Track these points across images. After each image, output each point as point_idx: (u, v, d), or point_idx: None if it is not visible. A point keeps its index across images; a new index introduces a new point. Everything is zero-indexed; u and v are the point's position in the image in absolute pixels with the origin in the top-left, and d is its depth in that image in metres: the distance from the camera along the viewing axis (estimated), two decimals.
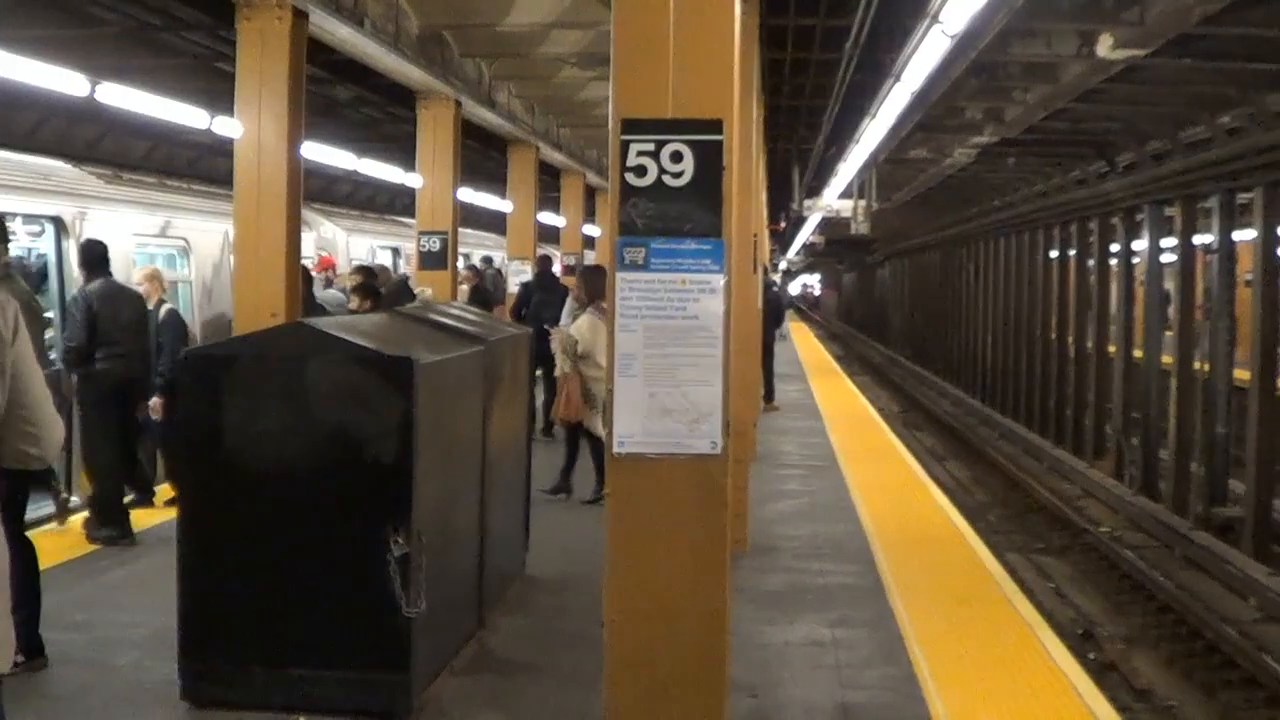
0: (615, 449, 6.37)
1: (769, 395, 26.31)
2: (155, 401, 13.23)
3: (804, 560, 12.77)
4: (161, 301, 13.91)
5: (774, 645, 9.90)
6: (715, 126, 6.28)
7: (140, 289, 13.56)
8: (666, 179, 6.24)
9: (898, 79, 16.03)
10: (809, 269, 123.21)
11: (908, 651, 9.71)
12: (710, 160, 6.25)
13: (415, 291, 18.75)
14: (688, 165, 6.23)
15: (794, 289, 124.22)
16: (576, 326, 14.89)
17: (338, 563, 7.85)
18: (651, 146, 6.24)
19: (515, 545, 11.22)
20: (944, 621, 10.59)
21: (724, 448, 6.37)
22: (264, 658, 7.93)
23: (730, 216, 6.34)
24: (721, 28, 6.39)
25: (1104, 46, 15.36)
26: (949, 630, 10.34)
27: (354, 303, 15.43)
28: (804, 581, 11.90)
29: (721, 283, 6.30)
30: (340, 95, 24.16)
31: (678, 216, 6.25)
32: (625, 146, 6.28)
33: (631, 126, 6.29)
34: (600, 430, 14.53)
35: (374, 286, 16.10)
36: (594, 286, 15.23)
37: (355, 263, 21.83)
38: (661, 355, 6.30)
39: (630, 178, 6.27)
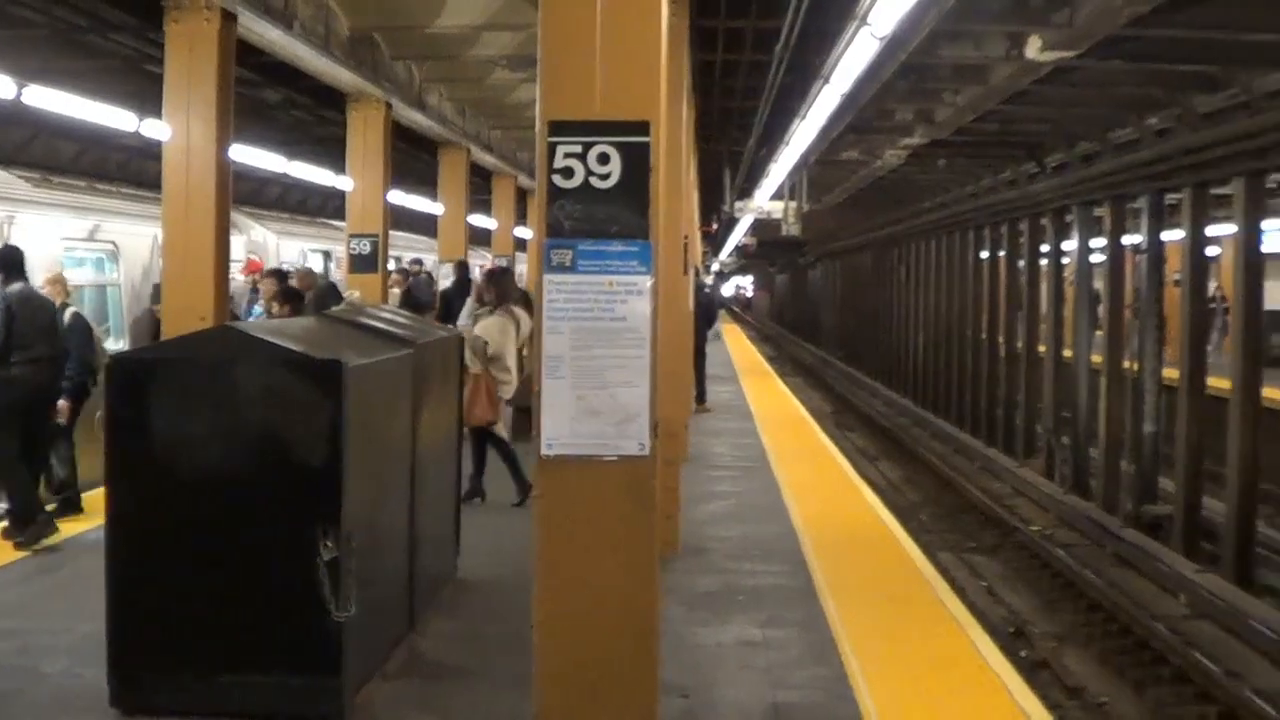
0: (543, 451, 6.37)
1: (700, 396, 26.33)
2: (63, 404, 13.20)
3: (735, 561, 12.79)
4: (65, 305, 13.80)
5: (705, 646, 9.91)
6: (642, 128, 6.29)
7: (43, 291, 13.46)
8: (594, 181, 6.25)
9: (827, 81, 16.04)
10: (741, 270, 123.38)
11: (839, 651, 9.73)
12: (637, 162, 6.26)
13: (344, 295, 18.64)
14: (615, 167, 6.23)
15: (727, 291, 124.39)
16: (484, 327, 14.74)
17: (268, 567, 7.82)
18: (578, 148, 6.25)
19: (446, 548, 11.19)
20: (875, 621, 10.63)
21: (652, 449, 6.38)
22: (194, 663, 7.89)
23: (658, 218, 6.35)
24: (648, 30, 6.40)
25: (1033, 48, 15.41)
26: (880, 630, 10.38)
27: (274, 308, 15.30)
28: (735, 582, 11.91)
29: (649, 284, 6.30)
30: (270, 98, 24.04)
31: (605, 218, 6.26)
32: (552, 148, 6.28)
33: (558, 128, 6.29)
34: (504, 432, 14.54)
35: (293, 290, 15.96)
36: (503, 289, 15.21)
37: (284, 266, 21.70)
38: (589, 357, 6.31)
39: (557, 179, 6.28)
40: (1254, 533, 18.23)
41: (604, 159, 6.24)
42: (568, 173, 6.26)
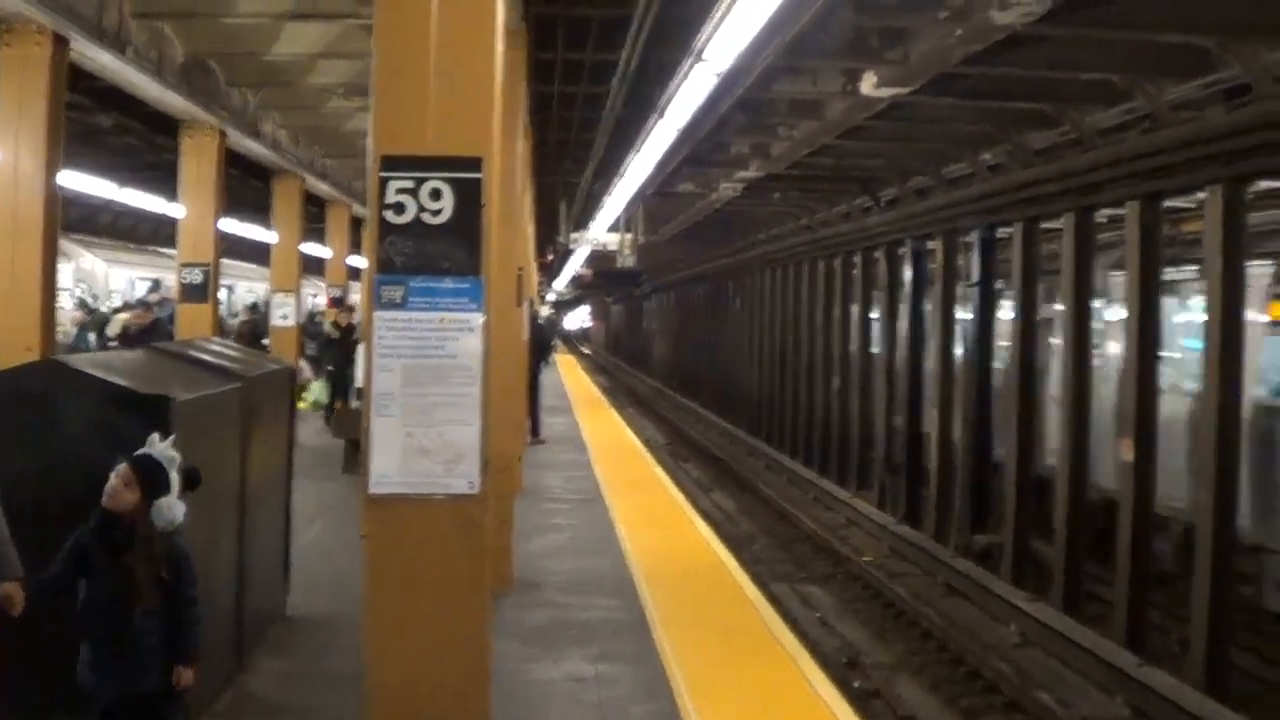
0: (372, 489, 6.32)
1: (535, 429, 26.26)
2: None
3: (568, 595, 12.77)
4: None
5: (537, 682, 9.89)
6: (474, 164, 6.27)
7: None
8: (425, 216, 6.21)
9: (661, 114, 16.09)
10: (577, 301, 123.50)
11: (671, 686, 9.73)
12: (469, 198, 6.23)
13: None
14: (447, 203, 6.20)
15: (569, 323, 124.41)
16: None
17: None
18: (410, 184, 6.21)
19: (275, 585, 11.06)
20: (707, 654, 10.64)
21: (482, 487, 6.34)
22: (19, 705, 7.74)
23: (490, 253, 6.32)
24: (482, 64, 6.38)
25: (868, 84, 15.49)
26: (712, 663, 10.39)
27: None
28: (567, 617, 11.89)
29: (480, 321, 6.28)
30: (102, 123, 23.71)
31: (436, 255, 6.23)
32: (384, 183, 6.25)
33: (391, 163, 6.25)
34: None
35: None
36: None
37: (114, 294, 21.39)
38: (420, 395, 6.26)
39: (389, 215, 6.24)
40: (1082, 562, 18.42)
41: (436, 195, 6.20)
42: (399, 208, 6.22)
